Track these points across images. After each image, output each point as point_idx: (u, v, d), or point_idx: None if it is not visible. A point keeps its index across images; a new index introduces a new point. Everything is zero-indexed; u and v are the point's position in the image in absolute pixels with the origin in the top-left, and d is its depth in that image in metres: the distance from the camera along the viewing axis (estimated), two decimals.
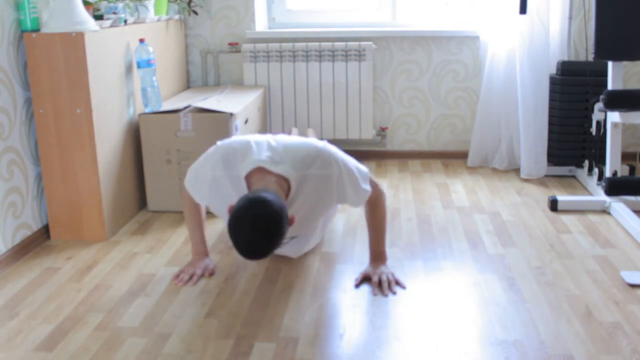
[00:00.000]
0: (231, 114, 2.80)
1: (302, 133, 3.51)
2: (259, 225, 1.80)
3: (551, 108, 3.33)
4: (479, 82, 3.62)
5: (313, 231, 2.37)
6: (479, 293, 2.12)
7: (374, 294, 2.11)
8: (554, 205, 2.86)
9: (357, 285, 2.18)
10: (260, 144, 2.12)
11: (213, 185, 2.12)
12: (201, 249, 2.35)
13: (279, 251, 2.37)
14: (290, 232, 2.22)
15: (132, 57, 2.87)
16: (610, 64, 2.84)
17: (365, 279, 2.22)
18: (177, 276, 2.26)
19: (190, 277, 2.24)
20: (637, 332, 1.86)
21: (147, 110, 2.89)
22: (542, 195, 3.09)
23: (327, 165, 2.08)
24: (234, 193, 2.10)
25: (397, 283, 2.18)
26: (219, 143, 2.18)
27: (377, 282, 2.17)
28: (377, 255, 2.28)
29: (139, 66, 2.82)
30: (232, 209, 1.87)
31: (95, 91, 2.52)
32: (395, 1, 3.70)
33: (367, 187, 2.17)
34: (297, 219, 2.13)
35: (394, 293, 2.12)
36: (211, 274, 2.29)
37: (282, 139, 2.16)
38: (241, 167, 2.06)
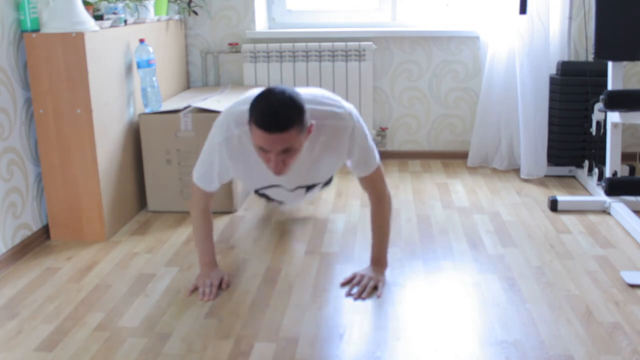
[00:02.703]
0: None
1: None
2: (281, 93, 1.82)
3: (551, 108, 3.32)
4: (479, 82, 3.62)
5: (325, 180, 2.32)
6: (479, 293, 2.12)
7: (347, 294, 2.11)
8: (554, 205, 2.86)
9: (344, 285, 2.17)
10: None
11: (228, 148, 2.01)
12: (210, 259, 2.22)
13: (294, 196, 2.32)
14: (306, 178, 2.16)
15: (132, 57, 2.87)
16: (610, 64, 2.84)
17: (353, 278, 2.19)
18: (192, 292, 2.15)
19: (210, 291, 2.14)
20: (637, 332, 1.86)
21: (147, 110, 2.89)
22: (542, 195, 3.09)
23: (344, 119, 2.03)
24: (251, 148, 2.01)
25: (376, 290, 2.14)
26: (223, 110, 2.09)
27: (356, 283, 2.15)
28: (377, 259, 2.23)
29: (139, 66, 2.82)
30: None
31: (95, 91, 2.52)
32: (395, 1, 3.70)
33: (374, 162, 2.13)
34: (314, 167, 2.09)
35: (363, 299, 2.09)
36: (228, 286, 2.19)
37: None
38: None
